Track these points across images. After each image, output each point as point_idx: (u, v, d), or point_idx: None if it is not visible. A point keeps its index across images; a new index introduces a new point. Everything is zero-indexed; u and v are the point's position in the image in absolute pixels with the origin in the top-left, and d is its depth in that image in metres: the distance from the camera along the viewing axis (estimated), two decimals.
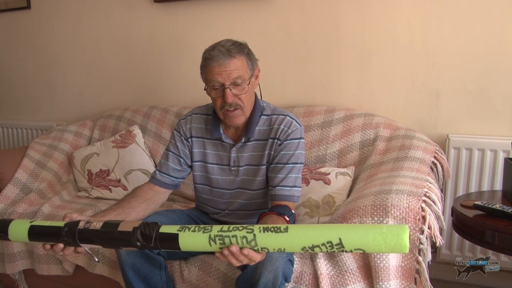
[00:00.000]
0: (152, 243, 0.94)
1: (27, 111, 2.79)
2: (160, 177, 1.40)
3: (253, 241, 0.89)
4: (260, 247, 0.89)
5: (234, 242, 0.90)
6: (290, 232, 0.88)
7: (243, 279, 1.16)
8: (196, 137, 1.41)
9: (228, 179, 1.40)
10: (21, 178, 1.96)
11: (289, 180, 1.29)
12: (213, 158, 1.40)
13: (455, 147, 1.81)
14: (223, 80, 1.24)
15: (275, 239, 0.88)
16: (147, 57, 2.37)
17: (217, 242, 0.91)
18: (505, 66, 1.75)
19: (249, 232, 0.89)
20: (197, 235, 0.92)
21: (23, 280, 1.83)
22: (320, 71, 2.03)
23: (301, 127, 1.35)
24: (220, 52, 1.24)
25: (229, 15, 2.14)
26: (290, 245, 0.87)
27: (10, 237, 1.05)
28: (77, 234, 0.99)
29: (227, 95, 1.24)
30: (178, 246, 0.93)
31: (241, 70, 1.25)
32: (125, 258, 1.28)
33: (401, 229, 0.82)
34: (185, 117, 1.44)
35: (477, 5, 1.75)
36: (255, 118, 1.34)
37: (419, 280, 1.20)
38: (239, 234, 0.90)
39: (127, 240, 0.95)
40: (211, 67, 1.24)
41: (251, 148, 1.36)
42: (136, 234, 0.95)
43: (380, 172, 1.54)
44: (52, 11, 2.56)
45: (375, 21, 1.90)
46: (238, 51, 1.26)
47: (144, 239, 0.95)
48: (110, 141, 2.15)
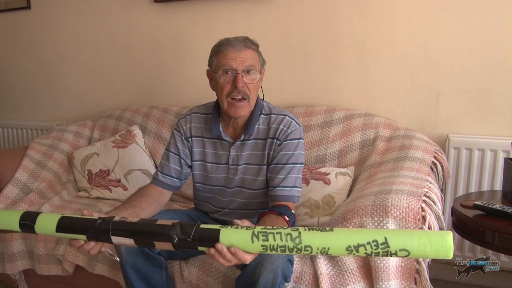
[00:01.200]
0: (190, 239, 0.92)
1: (27, 111, 2.79)
2: (163, 178, 1.40)
3: (297, 239, 0.86)
4: (304, 245, 0.86)
5: (278, 239, 0.87)
6: (336, 231, 0.86)
7: (242, 279, 1.16)
8: (196, 136, 1.41)
9: (226, 178, 1.40)
10: (21, 178, 1.96)
11: (289, 181, 1.29)
12: (212, 157, 1.40)
13: (455, 147, 1.81)
14: (237, 65, 1.26)
15: (319, 238, 0.86)
16: (147, 57, 2.37)
17: (260, 238, 0.88)
18: (505, 66, 1.75)
19: (294, 230, 0.88)
20: (239, 232, 0.90)
21: (23, 280, 1.83)
22: (320, 71, 2.03)
23: (300, 127, 1.36)
24: (237, 40, 1.28)
25: (229, 15, 2.14)
26: (335, 245, 0.85)
27: (36, 229, 1.03)
28: (111, 225, 0.97)
29: (238, 79, 1.25)
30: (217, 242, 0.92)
31: (254, 60, 1.29)
32: (126, 257, 1.28)
33: (446, 233, 0.83)
34: (185, 116, 1.44)
35: (477, 5, 1.75)
36: (255, 116, 1.35)
37: (419, 280, 1.20)
38: (283, 231, 0.87)
39: (164, 234, 0.93)
40: (227, 52, 1.27)
41: (250, 147, 1.36)
42: (176, 227, 0.93)
43: (380, 172, 1.54)
44: (52, 11, 2.56)
45: (375, 21, 1.90)
46: (253, 44, 1.32)
47: (183, 233, 0.92)
48: (110, 141, 2.15)
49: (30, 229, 1.03)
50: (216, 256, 0.92)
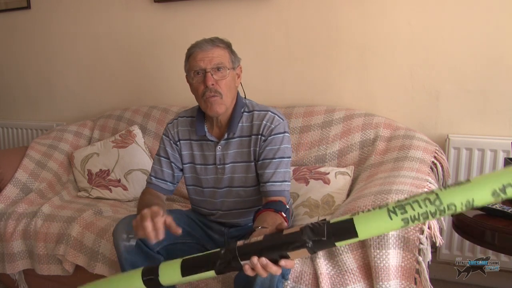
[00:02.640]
0: (325, 237, 0.88)
1: (27, 111, 2.79)
2: (157, 182, 1.42)
3: (437, 200, 0.81)
4: (446, 205, 0.80)
5: (417, 208, 0.82)
6: (474, 180, 0.81)
7: (240, 278, 1.16)
8: (184, 139, 1.43)
9: (215, 178, 1.41)
10: (21, 178, 1.96)
11: (279, 175, 1.30)
12: (200, 158, 1.41)
13: (455, 147, 1.81)
14: (205, 65, 1.29)
15: (460, 192, 0.80)
16: (147, 57, 2.37)
17: (398, 213, 0.82)
18: (505, 66, 1.75)
19: (430, 193, 0.82)
20: (374, 214, 0.85)
21: (23, 280, 1.83)
22: (320, 71, 2.02)
23: (284, 121, 1.36)
24: (204, 40, 1.34)
25: (229, 15, 2.14)
26: (479, 193, 0.79)
27: (161, 280, 0.99)
28: (238, 251, 0.93)
29: (207, 78, 1.28)
30: (355, 233, 0.86)
31: (223, 58, 1.31)
32: (126, 256, 1.28)
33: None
34: (172, 121, 1.46)
35: (477, 5, 1.75)
36: (237, 114, 1.37)
37: (419, 280, 1.19)
38: (419, 198, 0.83)
39: (296, 241, 0.90)
40: (195, 54, 1.32)
41: (235, 145, 1.37)
42: (306, 231, 0.89)
43: (380, 172, 1.54)
44: (52, 11, 2.56)
45: (375, 21, 1.90)
46: (221, 42, 1.34)
47: (315, 234, 0.88)
48: (110, 141, 2.15)
49: (155, 283, 1.00)
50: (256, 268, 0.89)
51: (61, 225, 1.71)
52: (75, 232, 1.65)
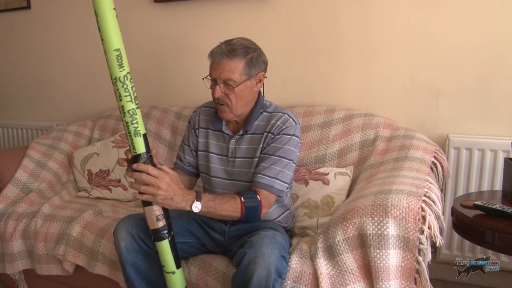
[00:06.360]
0: None
1: (27, 111, 2.79)
2: (181, 166, 1.51)
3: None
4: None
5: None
6: None
7: (237, 277, 1.17)
8: (202, 128, 1.49)
9: (225, 170, 1.44)
10: (21, 178, 1.96)
11: (272, 171, 1.33)
12: (214, 148, 1.46)
13: (455, 147, 1.81)
14: (216, 76, 1.33)
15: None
16: (147, 57, 2.37)
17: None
18: (505, 66, 1.75)
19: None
20: None
21: (23, 280, 1.83)
22: (320, 71, 2.02)
23: (297, 125, 1.39)
24: (220, 49, 1.31)
25: (229, 15, 2.14)
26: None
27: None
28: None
29: (216, 89, 1.33)
30: None
31: (233, 73, 1.30)
32: (126, 256, 1.28)
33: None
34: (196, 109, 1.54)
35: (477, 5, 1.75)
36: (256, 113, 1.41)
37: (419, 280, 1.19)
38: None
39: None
40: (211, 61, 1.35)
41: (248, 141, 1.41)
42: None
43: (380, 172, 1.54)
44: (52, 11, 2.56)
45: (375, 21, 1.90)
46: (239, 54, 1.31)
47: None
48: (110, 141, 2.15)
49: None
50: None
51: (61, 225, 1.71)
52: (75, 232, 1.65)
